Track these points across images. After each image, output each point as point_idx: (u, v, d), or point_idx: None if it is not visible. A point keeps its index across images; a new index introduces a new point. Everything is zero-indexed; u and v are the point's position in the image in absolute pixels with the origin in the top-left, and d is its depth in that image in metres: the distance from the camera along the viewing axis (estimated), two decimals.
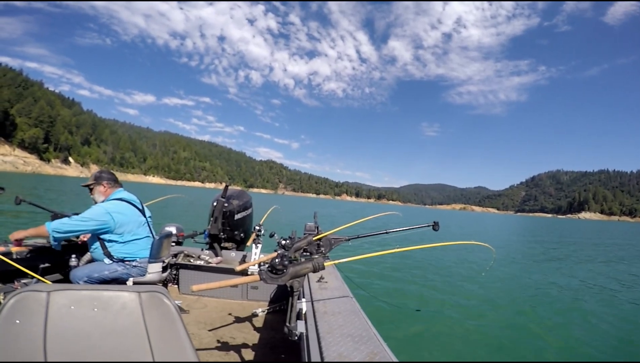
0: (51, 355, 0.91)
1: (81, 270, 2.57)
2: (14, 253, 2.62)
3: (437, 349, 4.43)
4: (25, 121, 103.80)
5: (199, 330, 2.73)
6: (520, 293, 7.65)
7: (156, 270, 2.73)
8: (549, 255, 15.81)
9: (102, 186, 2.75)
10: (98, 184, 2.75)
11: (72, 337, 0.95)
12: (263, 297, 3.43)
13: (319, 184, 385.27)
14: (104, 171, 2.85)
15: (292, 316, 1.65)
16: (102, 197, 2.75)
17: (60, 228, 2.42)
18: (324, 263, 1.66)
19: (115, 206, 2.61)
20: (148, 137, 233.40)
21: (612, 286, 9.21)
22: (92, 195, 2.77)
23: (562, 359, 4.48)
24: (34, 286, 0.95)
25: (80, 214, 2.58)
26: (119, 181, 2.87)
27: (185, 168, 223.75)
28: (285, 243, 2.42)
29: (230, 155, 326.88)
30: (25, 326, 0.90)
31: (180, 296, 3.45)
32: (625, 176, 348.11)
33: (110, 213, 2.55)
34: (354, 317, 1.57)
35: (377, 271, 8.30)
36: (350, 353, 1.18)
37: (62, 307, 0.95)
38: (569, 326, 5.68)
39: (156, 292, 1.09)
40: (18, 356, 0.89)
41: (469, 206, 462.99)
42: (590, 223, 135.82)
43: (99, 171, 2.89)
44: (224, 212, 3.82)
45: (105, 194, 2.76)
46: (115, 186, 2.80)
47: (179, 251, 3.73)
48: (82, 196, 22.80)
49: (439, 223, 2.63)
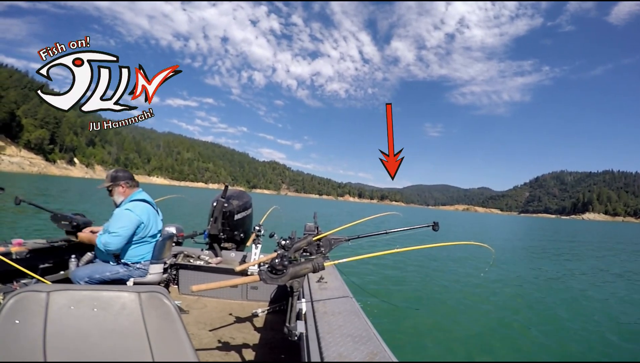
0: (51, 355, 0.91)
1: (82, 271, 2.56)
2: (14, 253, 2.61)
3: (437, 348, 4.43)
4: (31, 122, 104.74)
5: (199, 330, 2.73)
6: (518, 293, 7.65)
7: (157, 271, 2.74)
8: (548, 255, 15.78)
9: (120, 186, 2.68)
10: (117, 186, 2.68)
11: (72, 337, 0.95)
12: (263, 297, 3.43)
13: (322, 185, 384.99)
14: (119, 170, 2.76)
15: (292, 317, 1.65)
16: (121, 198, 2.69)
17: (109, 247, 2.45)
18: (323, 263, 1.66)
19: (141, 210, 2.59)
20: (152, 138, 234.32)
21: (610, 287, 9.16)
22: (112, 196, 2.71)
23: (559, 359, 4.47)
24: (33, 287, 0.95)
25: (111, 224, 2.53)
26: (136, 180, 2.80)
27: (188, 169, 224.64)
28: (285, 244, 2.42)
29: (234, 156, 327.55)
30: (25, 326, 0.91)
31: (180, 296, 3.45)
32: (630, 176, 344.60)
33: (140, 218, 2.56)
34: (353, 317, 1.56)
35: (377, 271, 8.31)
36: (350, 353, 1.18)
37: (61, 307, 0.95)
38: (565, 326, 5.71)
39: (156, 292, 1.09)
40: (18, 356, 0.89)
41: (472, 206, 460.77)
42: (594, 223, 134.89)
43: (115, 170, 2.77)
44: (224, 212, 3.82)
45: (125, 194, 2.69)
46: (133, 186, 2.73)
47: (178, 251, 3.73)
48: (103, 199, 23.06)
49: (438, 223, 2.63)
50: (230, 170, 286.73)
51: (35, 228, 9.71)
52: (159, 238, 2.75)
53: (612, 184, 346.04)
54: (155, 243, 2.71)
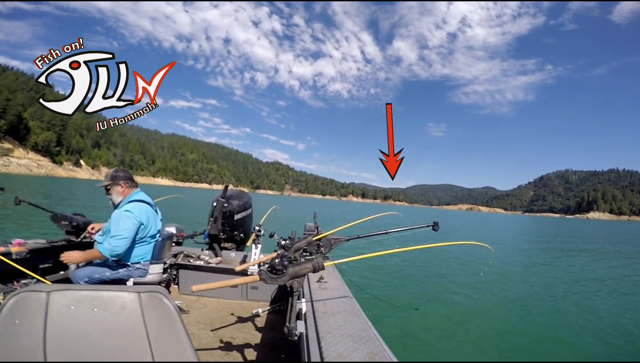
0: (51, 355, 0.92)
1: (82, 271, 2.55)
2: (14, 253, 2.60)
3: (437, 347, 4.44)
4: (38, 125, 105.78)
5: (199, 330, 2.73)
6: (517, 293, 7.63)
7: (157, 271, 2.74)
8: (549, 255, 15.72)
9: (119, 186, 2.68)
10: (115, 185, 2.67)
11: (72, 337, 0.96)
12: (263, 297, 3.42)
13: (325, 185, 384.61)
14: (119, 170, 2.76)
15: (292, 317, 1.65)
16: (120, 197, 2.68)
17: (115, 252, 2.44)
18: (323, 263, 1.66)
19: (139, 210, 2.58)
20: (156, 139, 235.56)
21: (610, 285, 9.11)
22: (110, 196, 2.69)
23: (557, 359, 4.45)
24: (33, 287, 0.96)
25: (112, 227, 2.51)
26: (135, 180, 2.80)
27: (193, 170, 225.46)
28: (285, 244, 2.42)
29: (237, 157, 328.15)
30: (25, 326, 0.91)
31: (180, 296, 3.45)
32: (636, 175, 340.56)
33: (140, 219, 2.55)
34: (353, 317, 1.55)
35: (377, 271, 8.32)
36: (350, 353, 1.17)
37: (62, 307, 0.95)
38: (560, 325, 5.72)
39: (156, 292, 1.09)
40: (18, 356, 0.90)
41: (476, 206, 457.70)
42: (598, 223, 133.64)
43: (115, 170, 2.78)
44: (224, 212, 3.82)
45: (124, 194, 2.68)
46: (132, 186, 2.73)
47: (178, 251, 3.73)
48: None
49: (438, 223, 2.61)
50: (234, 171, 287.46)
51: (35, 228, 9.78)
52: (159, 238, 2.75)
53: (617, 183, 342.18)
54: (155, 243, 2.71)
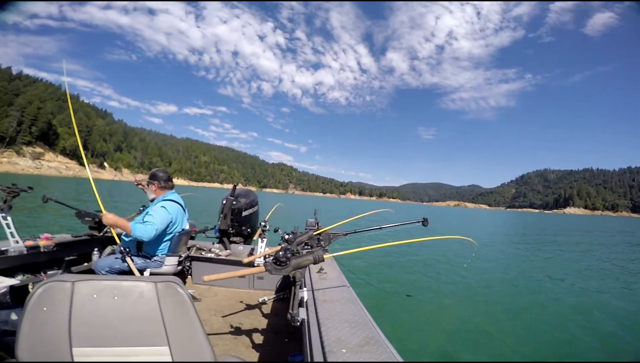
0: (76, 339, 0.92)
1: (103, 262, 2.56)
2: (42, 246, 2.61)
3: (426, 330, 4.44)
4: (66, 131, 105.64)
5: (210, 316, 2.73)
6: (496, 282, 7.65)
7: (172, 263, 2.74)
8: (528, 247, 15.77)
9: (154, 185, 2.72)
10: (151, 183, 2.73)
11: (95, 322, 0.96)
12: (268, 287, 3.42)
13: (326, 184, 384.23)
14: (160, 171, 2.80)
15: (295, 304, 1.65)
16: (153, 195, 2.73)
17: (143, 235, 2.37)
18: (323, 255, 1.65)
19: (172, 209, 2.62)
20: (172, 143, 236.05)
21: (582, 278, 9.03)
22: (146, 191, 2.77)
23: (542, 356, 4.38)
24: (59, 277, 0.96)
25: (146, 214, 2.53)
26: (171, 182, 2.81)
27: (205, 171, 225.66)
28: (288, 238, 2.40)
29: (246, 159, 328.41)
30: (52, 313, 0.91)
31: (193, 285, 3.44)
32: (608, 174, 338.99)
33: (172, 217, 2.59)
34: (350, 305, 1.55)
35: (372, 263, 8.36)
36: (347, 338, 1.18)
37: (85, 296, 0.95)
38: (532, 306, 5.80)
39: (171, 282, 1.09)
40: (46, 341, 0.91)
41: (463, 203, 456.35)
42: (574, 217, 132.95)
43: (156, 169, 2.82)
44: (233, 209, 3.81)
45: (156, 193, 2.73)
46: (166, 188, 2.75)
47: (191, 245, 3.74)
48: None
49: (427, 219, 2.59)
50: (243, 171, 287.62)
51: (61, 223, 9.82)
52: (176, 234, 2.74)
53: (592, 181, 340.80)
54: (172, 237, 2.71)
